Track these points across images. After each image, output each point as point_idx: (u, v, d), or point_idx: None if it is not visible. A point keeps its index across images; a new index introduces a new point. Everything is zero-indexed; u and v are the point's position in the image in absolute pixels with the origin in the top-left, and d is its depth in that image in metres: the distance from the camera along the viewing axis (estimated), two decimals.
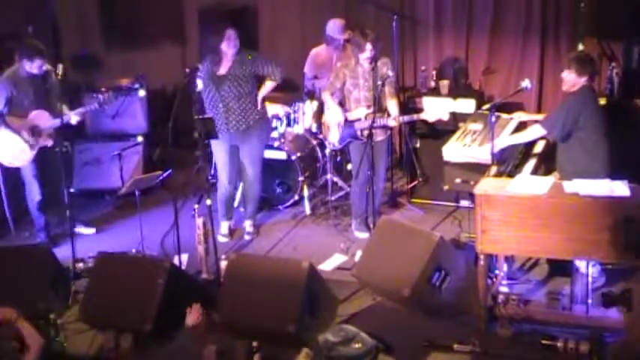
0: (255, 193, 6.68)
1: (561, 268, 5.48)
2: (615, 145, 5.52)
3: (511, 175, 5.59)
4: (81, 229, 6.80)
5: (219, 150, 6.46)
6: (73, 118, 6.45)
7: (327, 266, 6.09)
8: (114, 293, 5.14)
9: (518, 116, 6.28)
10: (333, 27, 7.29)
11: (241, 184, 6.84)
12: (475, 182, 5.30)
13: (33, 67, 6.21)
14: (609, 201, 4.74)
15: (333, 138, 6.64)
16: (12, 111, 6.34)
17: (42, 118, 6.34)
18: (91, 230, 6.90)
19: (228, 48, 6.29)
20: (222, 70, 6.35)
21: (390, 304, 5.39)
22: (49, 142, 6.39)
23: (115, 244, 6.44)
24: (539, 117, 6.42)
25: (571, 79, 5.53)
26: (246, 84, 6.35)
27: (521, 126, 6.41)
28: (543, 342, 4.80)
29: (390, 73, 6.30)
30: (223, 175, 6.54)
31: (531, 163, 5.88)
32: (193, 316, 4.76)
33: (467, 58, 7.70)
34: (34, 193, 6.54)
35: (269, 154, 7.08)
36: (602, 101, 6.38)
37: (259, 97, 6.44)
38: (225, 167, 6.52)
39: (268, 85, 6.45)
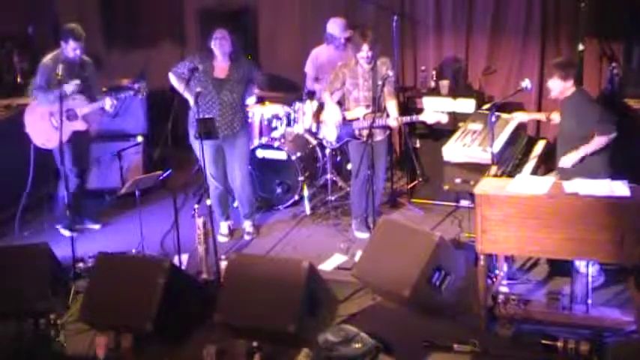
0: (248, 195, 6.67)
1: (561, 268, 5.49)
2: (613, 145, 5.52)
3: (511, 175, 5.59)
4: (88, 225, 6.90)
5: (206, 150, 6.40)
6: (107, 103, 6.55)
7: (327, 266, 6.09)
8: (114, 293, 5.13)
9: (515, 116, 6.28)
10: (334, 25, 7.26)
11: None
12: (475, 182, 5.30)
13: (68, 49, 6.40)
14: (609, 201, 4.74)
15: (331, 136, 6.64)
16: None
17: (77, 103, 6.46)
18: (97, 225, 6.98)
19: (215, 47, 6.29)
20: (222, 74, 6.33)
21: (390, 304, 5.38)
22: (83, 127, 6.54)
23: (115, 243, 6.44)
24: (540, 116, 6.44)
25: (557, 86, 5.57)
26: (242, 88, 6.39)
27: (521, 126, 6.42)
28: (543, 342, 4.80)
29: (390, 73, 6.29)
30: (211, 174, 6.53)
31: (531, 163, 5.89)
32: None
33: (467, 58, 7.70)
34: (69, 182, 6.41)
35: (269, 154, 7.08)
36: None
37: (249, 102, 6.49)
38: (212, 166, 6.51)
39: (252, 90, 6.60)
